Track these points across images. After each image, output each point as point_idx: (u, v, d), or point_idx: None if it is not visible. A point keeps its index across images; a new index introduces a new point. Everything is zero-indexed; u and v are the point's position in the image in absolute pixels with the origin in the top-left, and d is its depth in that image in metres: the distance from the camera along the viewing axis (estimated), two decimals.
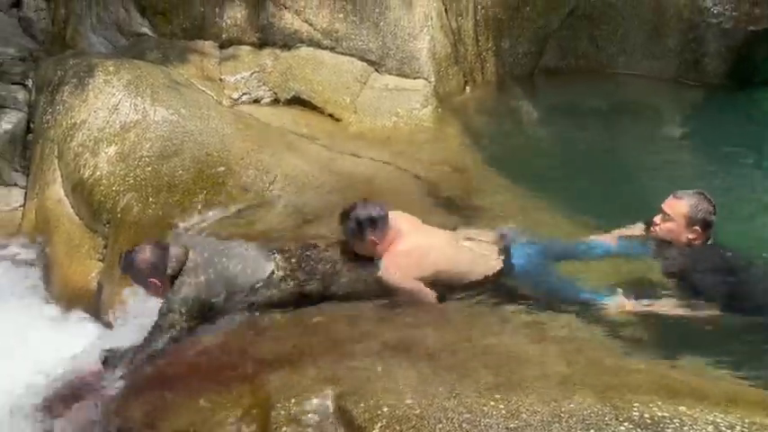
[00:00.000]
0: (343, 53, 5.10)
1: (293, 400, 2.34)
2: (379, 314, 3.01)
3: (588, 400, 2.08)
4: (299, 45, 5.13)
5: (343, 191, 4.03)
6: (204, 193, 4.06)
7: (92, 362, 3.13)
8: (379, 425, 2.13)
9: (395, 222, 3.29)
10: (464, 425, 2.05)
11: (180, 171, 4.20)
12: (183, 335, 3.08)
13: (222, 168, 4.18)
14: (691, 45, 5.21)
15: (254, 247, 3.34)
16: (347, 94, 5.00)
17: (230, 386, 2.56)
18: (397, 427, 2.10)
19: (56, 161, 4.65)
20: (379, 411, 2.17)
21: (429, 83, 5.05)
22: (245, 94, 5.01)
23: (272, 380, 2.50)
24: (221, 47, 5.26)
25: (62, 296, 4.11)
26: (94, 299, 3.99)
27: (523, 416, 2.05)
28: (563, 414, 2.03)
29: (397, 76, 5.07)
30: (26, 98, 5.27)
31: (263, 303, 3.20)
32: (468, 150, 4.79)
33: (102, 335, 3.61)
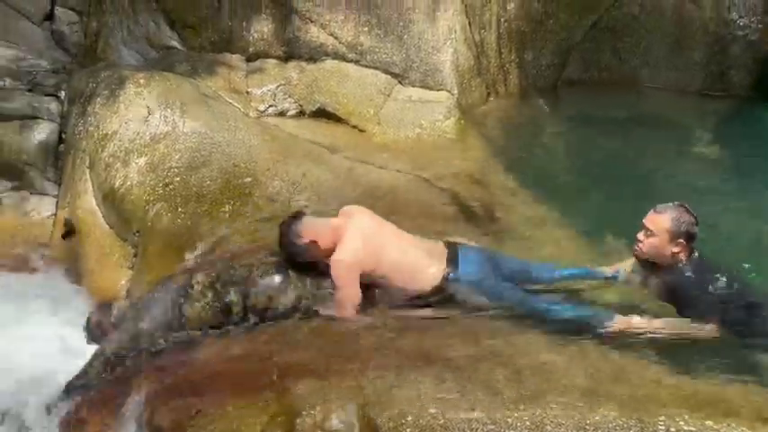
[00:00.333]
0: (367, 66, 5.12)
1: (318, 408, 2.33)
2: (402, 324, 3.00)
3: (613, 414, 2.08)
4: (324, 58, 5.16)
5: (367, 201, 3.98)
6: (231, 203, 4.08)
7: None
8: (406, 429, 2.13)
9: (333, 220, 3.27)
10: None
11: (208, 181, 4.22)
12: None
13: (249, 179, 4.21)
14: (716, 57, 5.19)
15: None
16: (371, 106, 5.01)
17: (257, 394, 2.56)
18: None
19: (87, 171, 4.69)
20: (403, 421, 2.18)
21: (452, 95, 5.05)
22: (271, 106, 5.04)
23: (297, 388, 2.48)
24: (248, 60, 5.30)
25: (94, 297, 4.11)
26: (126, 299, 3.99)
27: (548, 428, 2.06)
28: (588, 427, 2.04)
29: (421, 88, 5.09)
30: (59, 109, 5.31)
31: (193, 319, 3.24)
32: (491, 162, 4.78)
33: None
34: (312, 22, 5.11)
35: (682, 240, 3.05)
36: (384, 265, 3.17)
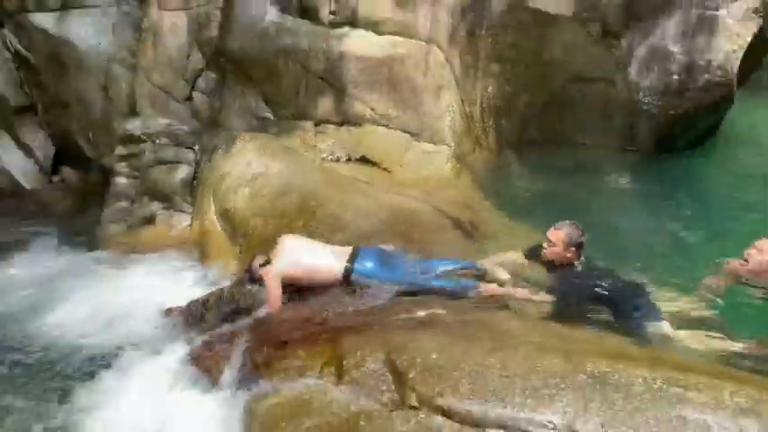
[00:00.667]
0: (393, 129, 5.14)
1: (358, 353, 2.39)
2: (414, 302, 2.99)
3: (556, 360, 2.08)
4: (365, 124, 5.20)
5: (391, 218, 4.06)
6: (303, 219, 4.13)
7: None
8: (413, 371, 2.16)
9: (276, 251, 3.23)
10: (471, 373, 2.07)
11: (288, 204, 4.28)
12: None
13: (314, 203, 4.24)
14: (629, 125, 5.10)
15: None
16: (396, 155, 5.03)
17: (318, 343, 2.63)
18: (426, 373, 2.13)
19: (210, 198, 4.78)
20: (414, 362, 2.21)
21: (450, 148, 5.04)
22: (330, 155, 5.08)
23: (344, 340, 2.55)
24: (315, 125, 5.35)
25: (217, 279, 4.14)
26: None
27: (511, 368, 2.06)
28: (539, 368, 2.04)
29: (429, 143, 5.08)
30: (194, 157, 5.43)
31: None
32: (476, 193, 4.78)
33: None
34: (357, 100, 5.18)
35: (574, 249, 3.04)
36: (303, 268, 3.14)
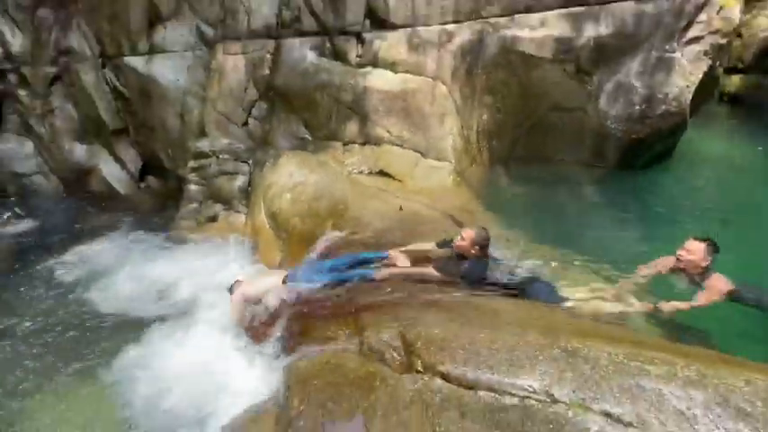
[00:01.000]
0: (406, 148, 5.11)
1: (375, 326, 2.38)
2: (422, 288, 2.95)
3: (536, 335, 2.04)
4: (382, 144, 5.16)
5: (404, 220, 4.05)
6: (333, 219, 4.15)
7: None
8: (420, 342, 2.15)
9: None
10: (466, 345, 2.05)
11: (321, 207, 4.30)
12: None
13: (342, 207, 4.26)
14: (599, 144, 4.97)
15: None
16: (407, 169, 4.99)
17: (342, 318, 2.63)
18: (430, 344, 2.11)
19: (261, 201, 4.80)
20: (420, 335, 2.19)
21: (451, 164, 4.98)
22: (355, 169, 5.06)
23: (364, 317, 2.54)
24: (344, 145, 5.31)
25: (264, 265, 4.25)
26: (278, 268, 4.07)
27: (499, 342, 2.03)
28: (521, 343, 2.01)
29: (434, 160, 5.03)
30: (248, 170, 5.47)
31: None
32: (473, 200, 4.71)
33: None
34: (377, 125, 5.16)
35: (477, 247, 3.03)
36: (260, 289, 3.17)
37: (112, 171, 6.89)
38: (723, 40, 4.64)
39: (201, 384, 2.74)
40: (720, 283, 2.79)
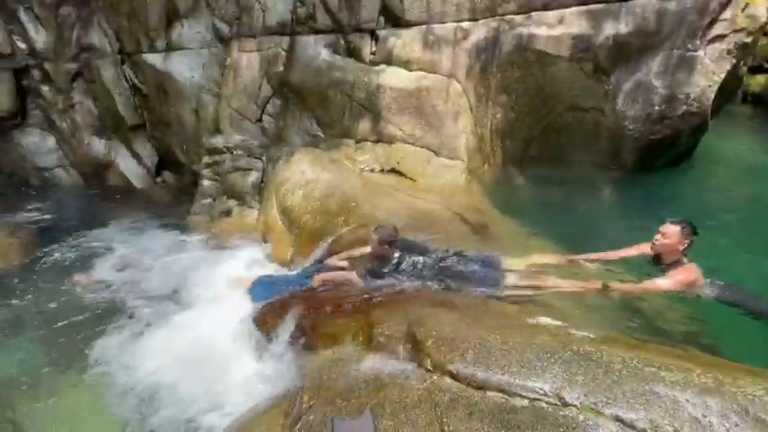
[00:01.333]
0: (418, 146, 5.08)
1: (385, 324, 2.39)
2: (429, 287, 2.95)
3: (547, 338, 2.02)
4: (395, 142, 5.14)
5: (415, 218, 4.04)
6: (344, 216, 4.14)
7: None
8: (430, 341, 2.15)
9: None
10: (477, 345, 2.04)
11: (333, 204, 4.29)
12: None
13: (354, 204, 4.25)
14: (615, 146, 4.86)
15: None
16: (420, 167, 4.97)
17: (353, 315, 2.64)
18: (439, 343, 2.11)
19: (273, 197, 4.78)
20: (430, 334, 2.19)
21: (464, 162, 4.94)
22: (367, 167, 5.05)
23: (374, 313, 2.55)
24: (356, 142, 5.31)
25: (276, 261, 4.29)
26: (289, 263, 4.16)
27: (510, 343, 2.02)
28: (533, 345, 1.99)
29: (447, 158, 4.99)
30: (262, 166, 5.49)
31: None
32: (484, 200, 4.68)
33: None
34: (390, 123, 5.14)
35: (385, 245, 3.13)
36: None
37: (129, 166, 7.03)
38: (748, 39, 4.49)
39: (211, 376, 2.77)
40: (683, 274, 2.54)
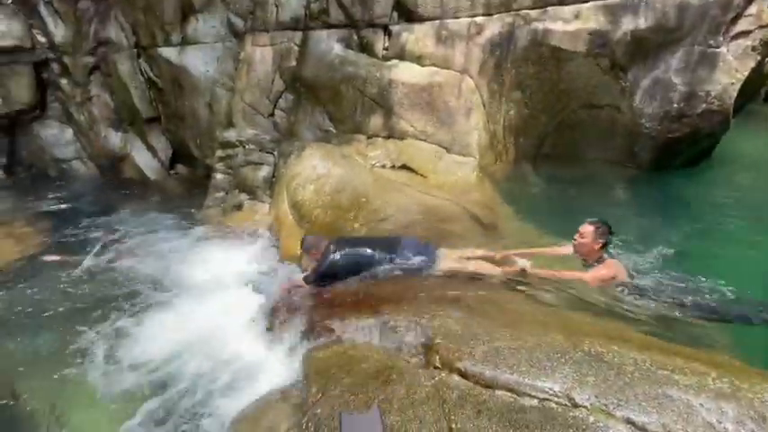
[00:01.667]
0: (430, 142, 5.05)
1: (394, 320, 2.37)
2: (441, 283, 2.93)
3: (558, 337, 2.00)
4: (407, 138, 5.13)
5: (425, 214, 4.02)
6: (355, 210, 4.14)
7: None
8: (440, 336, 2.14)
9: None
10: (487, 343, 2.02)
11: (343, 199, 4.29)
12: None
13: (364, 199, 4.25)
14: (631, 144, 4.75)
15: None
16: (431, 163, 4.94)
17: (362, 310, 2.62)
18: (449, 339, 2.10)
19: (284, 192, 4.80)
20: (440, 330, 2.18)
21: (475, 159, 4.90)
22: (378, 162, 5.04)
23: (383, 308, 2.54)
24: (368, 138, 5.31)
25: (285, 256, 4.28)
26: (300, 257, 4.14)
27: (520, 341, 2.00)
28: (543, 344, 1.96)
29: (458, 155, 4.96)
30: (273, 160, 5.52)
31: None
32: (495, 197, 4.62)
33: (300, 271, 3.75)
34: (402, 118, 5.13)
35: (313, 251, 3.23)
36: None
37: (144, 158, 7.15)
38: None
39: (219, 367, 2.80)
40: (604, 270, 2.68)
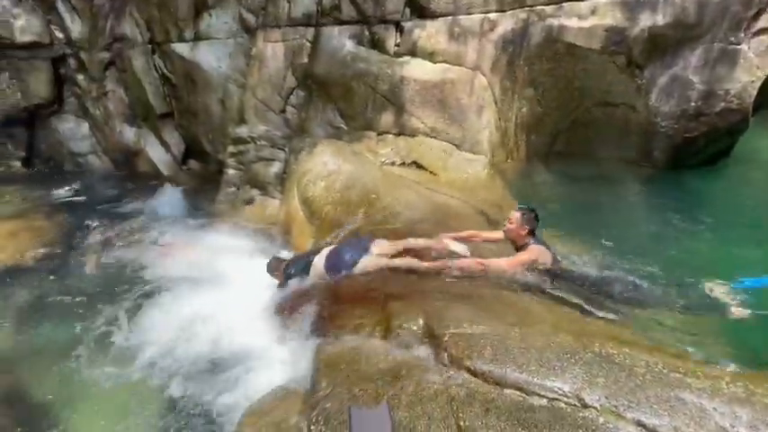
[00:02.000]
0: (440, 140, 5.00)
1: (403, 316, 2.39)
2: (449, 279, 2.91)
3: (568, 338, 1.99)
4: (417, 135, 5.07)
5: (434, 212, 4.00)
6: (364, 207, 4.14)
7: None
8: (448, 335, 2.14)
9: None
10: (495, 342, 2.02)
11: (353, 196, 4.29)
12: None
13: (374, 196, 4.25)
14: (646, 143, 4.67)
15: None
16: (441, 161, 4.89)
17: (371, 306, 2.64)
18: (457, 338, 2.10)
19: (295, 188, 4.79)
20: (445, 326, 2.19)
21: (486, 157, 4.85)
22: (388, 159, 5.01)
23: (392, 306, 2.55)
24: (378, 135, 5.24)
25: (295, 250, 4.31)
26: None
27: (529, 341, 2.00)
28: (552, 344, 1.96)
29: (469, 152, 4.91)
30: (285, 156, 5.50)
31: None
32: (506, 195, 4.58)
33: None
34: (413, 116, 5.08)
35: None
36: None
37: (158, 153, 7.25)
38: None
39: (230, 360, 2.84)
40: (525, 255, 2.74)
